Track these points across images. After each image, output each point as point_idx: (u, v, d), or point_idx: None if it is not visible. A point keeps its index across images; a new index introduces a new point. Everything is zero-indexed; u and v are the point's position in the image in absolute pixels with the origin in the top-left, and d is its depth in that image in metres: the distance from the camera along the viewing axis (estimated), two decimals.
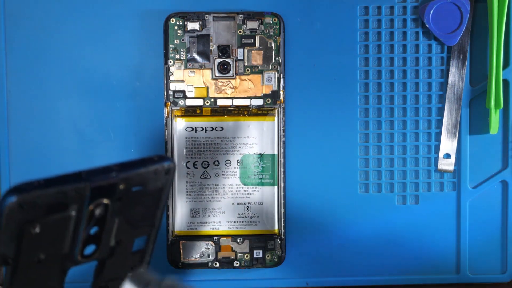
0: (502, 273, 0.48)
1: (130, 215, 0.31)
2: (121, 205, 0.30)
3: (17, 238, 0.27)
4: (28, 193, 0.27)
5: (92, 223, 0.30)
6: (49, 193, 0.27)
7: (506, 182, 0.48)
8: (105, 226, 0.30)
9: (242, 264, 0.46)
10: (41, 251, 0.28)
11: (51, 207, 0.28)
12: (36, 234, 0.28)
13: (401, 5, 0.47)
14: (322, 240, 0.48)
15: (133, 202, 0.31)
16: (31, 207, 0.27)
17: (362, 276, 0.48)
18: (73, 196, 0.28)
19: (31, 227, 0.27)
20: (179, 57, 0.45)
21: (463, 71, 0.47)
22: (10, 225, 0.27)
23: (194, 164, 0.46)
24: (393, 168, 0.48)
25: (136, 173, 0.30)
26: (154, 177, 0.31)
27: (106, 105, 0.46)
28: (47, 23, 0.46)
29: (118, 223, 0.31)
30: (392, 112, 0.47)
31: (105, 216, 0.30)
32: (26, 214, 0.27)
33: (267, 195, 0.46)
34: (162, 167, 0.31)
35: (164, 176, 0.31)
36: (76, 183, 0.28)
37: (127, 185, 0.30)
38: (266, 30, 0.46)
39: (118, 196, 0.30)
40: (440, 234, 0.48)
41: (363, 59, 0.47)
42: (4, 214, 0.26)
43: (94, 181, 0.29)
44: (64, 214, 0.28)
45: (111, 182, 0.29)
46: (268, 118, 0.46)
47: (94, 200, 0.29)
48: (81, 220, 0.29)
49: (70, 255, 0.30)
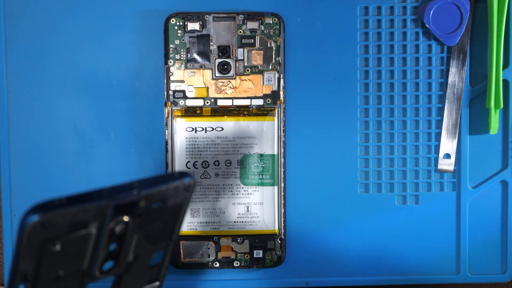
0: (502, 273, 0.48)
1: (149, 231, 0.31)
2: (140, 222, 0.30)
3: (37, 256, 0.27)
4: (50, 212, 0.26)
5: (112, 240, 0.30)
6: (71, 212, 0.27)
7: (506, 182, 0.48)
8: (124, 243, 0.30)
9: (242, 264, 0.46)
10: (60, 268, 0.28)
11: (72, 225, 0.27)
12: (57, 251, 0.28)
13: (401, 5, 0.47)
14: (322, 240, 0.48)
15: (152, 218, 0.31)
16: (52, 226, 0.27)
17: (362, 276, 0.48)
18: (94, 214, 0.28)
19: (52, 245, 0.27)
20: (179, 57, 0.45)
21: (463, 71, 0.47)
22: (31, 244, 0.27)
23: (194, 164, 0.46)
24: (393, 168, 0.48)
25: (157, 190, 0.30)
26: (174, 193, 0.31)
27: (106, 105, 0.46)
28: (47, 23, 0.46)
29: (136, 239, 0.31)
30: (392, 112, 0.47)
31: (125, 233, 0.30)
32: (47, 232, 0.27)
33: (267, 195, 0.46)
34: (182, 183, 0.31)
35: (183, 192, 0.31)
36: (98, 201, 0.28)
37: (147, 202, 0.30)
38: (266, 30, 0.46)
39: (138, 213, 0.30)
40: (440, 234, 0.48)
41: (363, 59, 0.47)
42: (26, 233, 0.26)
43: (116, 199, 0.28)
44: (85, 232, 0.28)
45: (132, 200, 0.29)
46: (268, 118, 0.46)
47: (115, 217, 0.29)
48: (101, 238, 0.29)
49: (88, 271, 0.30)
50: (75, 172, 0.46)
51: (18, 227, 0.27)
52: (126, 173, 0.46)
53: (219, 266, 0.46)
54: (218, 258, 0.46)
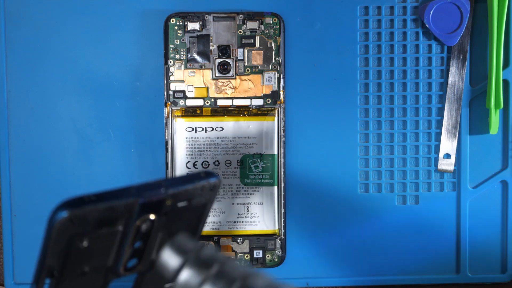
0: (502, 273, 0.48)
1: (173, 229, 0.31)
2: (166, 220, 0.30)
3: (64, 252, 0.28)
4: (79, 208, 0.27)
5: (138, 237, 0.30)
6: (99, 209, 0.27)
7: (506, 182, 0.48)
8: (149, 241, 0.30)
9: (242, 264, 0.46)
10: (86, 264, 0.29)
11: (100, 221, 0.28)
12: (84, 247, 0.28)
13: (401, 5, 0.47)
14: (322, 240, 0.48)
15: (177, 217, 0.31)
16: (81, 222, 0.27)
17: (362, 276, 0.48)
18: (122, 211, 0.28)
19: (79, 241, 0.28)
20: (179, 57, 0.45)
21: (463, 71, 0.47)
22: (59, 239, 0.27)
23: (194, 164, 0.46)
24: (393, 168, 0.48)
25: (183, 189, 0.30)
26: (200, 193, 0.31)
27: (106, 105, 0.46)
28: (47, 23, 0.46)
29: (161, 237, 0.31)
30: (392, 112, 0.47)
31: (150, 231, 0.30)
32: (76, 228, 0.27)
33: (267, 195, 0.46)
34: (208, 183, 0.31)
35: (209, 192, 0.32)
36: (126, 199, 0.28)
37: (174, 201, 0.30)
38: (266, 30, 0.46)
39: (164, 212, 0.30)
40: (440, 234, 0.48)
41: (363, 59, 0.47)
42: (55, 228, 0.27)
43: (144, 197, 0.29)
44: (112, 229, 0.28)
45: (159, 198, 0.29)
46: (268, 118, 0.46)
47: (141, 215, 0.29)
48: (127, 235, 0.29)
49: (113, 268, 0.30)
50: (75, 172, 0.46)
51: (47, 222, 0.27)
52: (126, 173, 0.46)
53: None
54: None
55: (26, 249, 0.47)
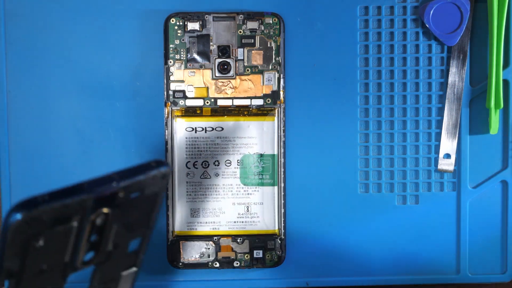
0: (502, 273, 0.48)
1: (128, 220, 0.32)
2: (119, 212, 0.31)
3: (21, 253, 0.28)
4: (33, 209, 0.27)
5: (93, 232, 0.30)
6: (53, 208, 0.27)
7: (506, 182, 0.48)
8: (104, 233, 0.31)
9: (242, 264, 0.46)
10: (44, 262, 0.29)
11: (55, 220, 0.28)
12: (40, 246, 0.28)
13: (401, 5, 0.47)
14: (322, 240, 0.48)
15: (130, 208, 0.31)
16: (36, 223, 0.27)
17: (362, 276, 0.48)
18: (76, 208, 0.28)
19: (35, 241, 0.28)
20: (179, 57, 0.45)
21: (463, 71, 0.47)
22: (15, 241, 0.27)
23: (194, 164, 0.46)
24: (393, 168, 0.48)
25: (135, 180, 0.31)
26: (151, 182, 0.31)
27: (106, 105, 0.46)
28: (47, 23, 0.46)
29: (116, 228, 0.31)
30: (392, 112, 0.47)
31: (105, 224, 0.30)
32: (31, 229, 0.27)
33: (267, 195, 0.46)
34: (159, 172, 0.32)
35: (160, 181, 0.32)
36: (79, 195, 0.28)
37: (126, 193, 0.30)
38: (266, 30, 0.46)
39: (117, 204, 0.30)
40: (440, 234, 0.48)
41: (363, 59, 0.47)
42: (9, 231, 0.27)
43: (96, 193, 0.29)
44: (67, 226, 0.29)
45: (112, 192, 0.30)
46: (268, 118, 0.46)
47: (95, 210, 0.30)
48: (82, 230, 0.29)
49: (70, 263, 0.30)
50: (75, 172, 0.46)
51: (2, 225, 0.27)
52: None
53: (219, 266, 0.46)
54: (218, 258, 0.46)
55: None
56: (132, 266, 0.34)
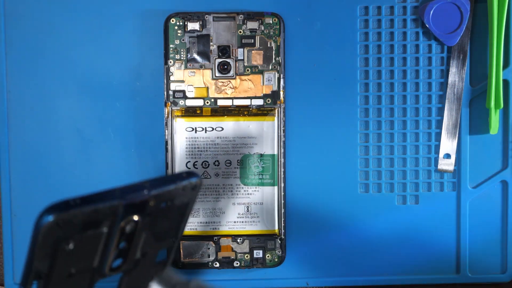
0: (502, 273, 0.48)
1: (157, 229, 0.32)
2: (149, 220, 0.31)
3: (51, 255, 0.28)
4: (65, 212, 0.27)
5: (122, 238, 0.31)
6: (85, 212, 0.28)
7: (506, 182, 0.48)
8: (133, 241, 0.31)
9: (242, 264, 0.46)
10: (72, 265, 0.29)
11: (85, 224, 0.28)
12: (70, 250, 0.28)
13: (401, 5, 0.47)
14: (322, 240, 0.48)
15: (160, 217, 0.32)
16: (67, 226, 0.27)
17: (362, 276, 0.48)
18: (107, 214, 0.29)
19: (66, 244, 0.28)
20: (179, 57, 0.45)
21: (463, 71, 0.47)
22: (45, 243, 0.28)
23: (194, 164, 0.46)
24: (393, 168, 0.48)
25: (166, 190, 0.31)
26: (182, 193, 0.32)
27: (106, 105, 0.46)
28: (46, 23, 0.46)
29: (144, 237, 0.32)
30: (392, 112, 0.47)
31: (134, 232, 0.31)
32: (62, 232, 0.28)
33: (267, 195, 0.46)
34: (190, 183, 0.32)
35: (190, 192, 0.32)
36: (111, 201, 0.29)
37: (157, 201, 0.31)
38: (266, 30, 0.46)
39: (147, 212, 0.31)
40: (440, 234, 0.48)
41: (363, 59, 0.47)
42: (41, 232, 0.27)
43: (127, 199, 0.29)
44: (97, 231, 0.29)
45: (143, 200, 0.30)
46: (268, 118, 0.46)
47: (125, 217, 0.30)
48: (112, 236, 0.30)
49: (98, 269, 0.30)
50: (75, 172, 0.46)
51: (33, 226, 0.27)
52: (126, 173, 0.46)
53: (219, 266, 0.46)
54: (218, 258, 0.46)
55: (26, 249, 0.46)
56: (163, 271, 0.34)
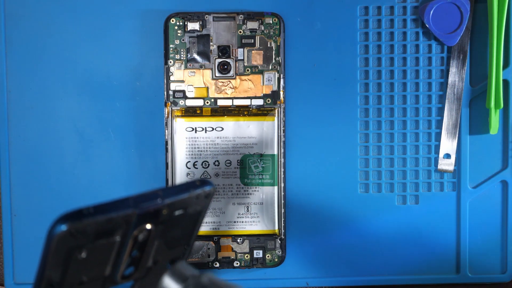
0: (502, 273, 0.49)
1: (169, 237, 0.32)
2: (162, 229, 0.31)
3: (63, 263, 0.28)
4: (78, 221, 0.27)
5: (135, 247, 0.31)
6: (98, 221, 0.28)
7: (506, 182, 0.48)
8: (145, 249, 0.31)
9: (242, 264, 0.46)
10: (84, 274, 0.29)
11: (98, 233, 0.28)
12: (82, 259, 0.28)
13: (401, 5, 0.47)
14: (322, 240, 0.48)
15: (173, 225, 0.32)
16: (80, 235, 0.27)
17: (362, 276, 0.48)
18: (120, 223, 0.29)
19: (78, 252, 0.28)
20: (179, 57, 0.45)
21: (463, 71, 0.47)
22: (58, 252, 0.28)
23: (194, 164, 0.46)
24: (393, 168, 0.48)
25: (179, 199, 0.31)
26: (195, 201, 0.32)
27: (106, 105, 0.46)
28: (46, 23, 0.46)
29: (157, 245, 0.31)
30: (392, 112, 0.47)
31: (147, 240, 0.31)
32: (75, 241, 0.28)
33: (267, 195, 0.46)
34: (203, 191, 0.32)
35: (204, 200, 0.32)
36: (124, 210, 0.29)
37: (170, 210, 0.31)
38: (266, 30, 0.46)
39: (160, 221, 0.31)
40: (440, 234, 0.48)
41: (363, 59, 0.47)
42: (53, 241, 0.27)
43: (141, 208, 0.29)
44: (109, 240, 0.29)
45: (156, 208, 0.30)
46: (268, 118, 0.46)
47: (138, 225, 0.30)
48: (125, 245, 0.30)
49: (111, 277, 0.30)
50: (75, 172, 0.46)
51: (46, 235, 0.27)
52: (126, 173, 0.46)
53: (219, 266, 0.46)
54: (218, 258, 0.46)
55: (26, 249, 0.47)
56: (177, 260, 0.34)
